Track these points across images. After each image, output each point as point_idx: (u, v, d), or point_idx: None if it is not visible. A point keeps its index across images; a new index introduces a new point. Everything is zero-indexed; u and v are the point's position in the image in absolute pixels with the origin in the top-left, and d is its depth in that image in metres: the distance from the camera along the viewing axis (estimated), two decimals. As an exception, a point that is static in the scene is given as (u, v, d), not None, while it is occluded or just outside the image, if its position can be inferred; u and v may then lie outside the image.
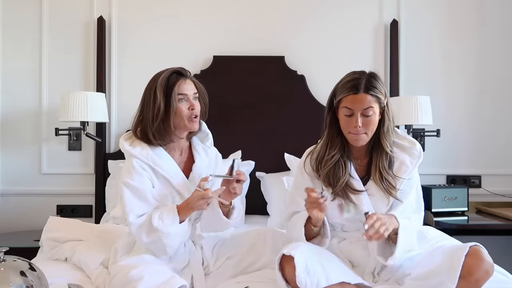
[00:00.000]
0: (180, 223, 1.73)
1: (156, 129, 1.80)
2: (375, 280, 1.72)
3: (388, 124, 1.76)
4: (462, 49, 3.19)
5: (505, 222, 2.73)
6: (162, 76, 1.81)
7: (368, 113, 1.69)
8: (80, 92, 2.87)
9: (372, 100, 1.69)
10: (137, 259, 1.74)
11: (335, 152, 1.77)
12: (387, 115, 1.75)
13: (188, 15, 3.15)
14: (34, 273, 1.39)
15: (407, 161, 1.77)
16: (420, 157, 1.79)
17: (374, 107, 1.69)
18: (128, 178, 1.78)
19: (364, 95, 1.68)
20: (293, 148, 2.90)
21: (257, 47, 3.13)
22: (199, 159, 1.92)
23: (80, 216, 2.99)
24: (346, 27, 3.16)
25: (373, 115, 1.70)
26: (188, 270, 1.82)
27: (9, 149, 3.13)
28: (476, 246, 1.56)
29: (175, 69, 1.85)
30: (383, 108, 1.74)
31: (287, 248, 1.57)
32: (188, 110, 1.81)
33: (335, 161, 1.76)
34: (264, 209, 2.82)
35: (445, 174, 3.18)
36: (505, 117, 3.19)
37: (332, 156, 1.76)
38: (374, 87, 1.69)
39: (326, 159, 1.77)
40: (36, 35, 3.13)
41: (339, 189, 1.74)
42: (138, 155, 1.80)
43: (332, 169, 1.76)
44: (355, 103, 1.69)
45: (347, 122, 1.72)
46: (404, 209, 1.75)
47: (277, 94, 3.07)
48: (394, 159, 1.78)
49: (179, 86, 1.80)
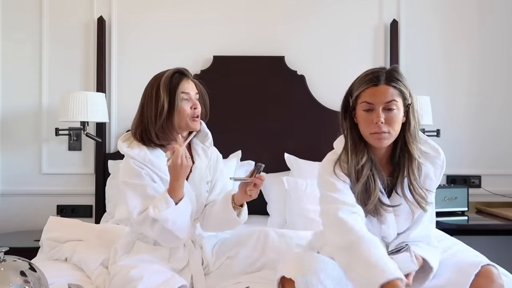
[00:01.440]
0: (176, 205, 1.71)
1: (159, 128, 1.79)
2: None
3: (414, 126, 1.55)
4: (462, 49, 3.19)
5: (505, 222, 2.73)
6: (166, 75, 1.81)
7: (391, 107, 1.49)
8: (80, 92, 2.87)
9: (395, 93, 1.50)
10: (137, 259, 1.74)
11: (364, 161, 1.53)
12: (413, 115, 1.54)
13: (188, 15, 3.15)
14: (34, 273, 1.39)
15: (431, 174, 1.60)
16: (443, 168, 1.63)
17: (397, 102, 1.50)
18: (127, 178, 1.78)
19: (386, 87, 1.50)
20: (293, 148, 2.90)
21: (257, 47, 3.13)
22: (199, 160, 1.91)
23: (80, 216, 2.99)
24: (346, 27, 3.16)
25: (397, 111, 1.50)
26: (187, 270, 1.81)
27: (9, 149, 3.13)
28: (488, 266, 1.48)
29: (178, 69, 1.85)
30: (408, 107, 1.54)
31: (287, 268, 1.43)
32: (191, 110, 1.82)
33: (367, 172, 1.52)
34: (264, 209, 2.82)
35: (445, 174, 3.17)
36: (505, 117, 3.19)
37: (362, 165, 1.53)
38: (397, 79, 1.51)
39: (358, 169, 1.53)
40: (36, 35, 3.13)
41: (373, 205, 1.53)
42: (135, 157, 1.79)
43: (366, 183, 1.53)
44: (376, 96, 1.49)
45: (366, 119, 1.51)
46: (425, 223, 1.61)
47: (277, 94, 3.07)
48: (422, 168, 1.58)
49: (183, 86, 1.81)
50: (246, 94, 3.06)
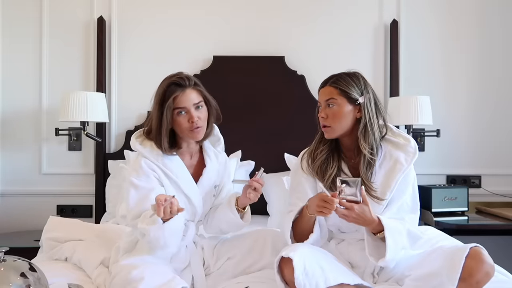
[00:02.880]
0: (164, 223, 1.61)
1: (163, 137, 1.78)
2: (374, 280, 1.72)
3: (365, 122, 1.74)
4: (462, 49, 3.19)
5: (505, 222, 2.73)
6: (160, 87, 1.79)
7: (331, 104, 1.75)
8: (80, 92, 2.87)
9: (334, 92, 1.75)
10: (139, 259, 1.74)
11: (324, 146, 1.84)
12: (366, 114, 1.75)
13: (188, 15, 3.15)
14: (34, 273, 1.39)
15: (402, 159, 1.75)
16: (415, 154, 1.76)
17: (337, 99, 1.74)
18: (135, 177, 1.77)
19: (327, 88, 1.78)
20: (293, 148, 2.89)
21: (257, 47, 3.13)
22: (210, 164, 1.91)
23: (80, 216, 2.99)
24: (346, 27, 3.16)
25: (337, 107, 1.75)
26: (189, 270, 1.82)
27: (9, 149, 3.13)
28: (476, 247, 1.54)
29: (174, 80, 1.79)
30: (359, 106, 1.75)
31: (286, 250, 1.56)
32: (188, 123, 1.78)
33: (325, 155, 1.82)
34: (264, 209, 2.82)
35: (445, 174, 3.19)
36: (505, 117, 3.19)
37: (321, 150, 1.83)
38: (339, 81, 1.76)
39: (317, 153, 1.84)
40: (36, 35, 3.13)
41: (330, 181, 1.76)
42: (148, 156, 1.79)
43: (323, 163, 1.81)
44: (321, 95, 1.80)
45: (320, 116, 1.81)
46: (399, 208, 1.74)
47: (277, 94, 3.07)
48: (386, 159, 1.77)
49: (176, 100, 1.75)
50: (246, 94, 3.06)
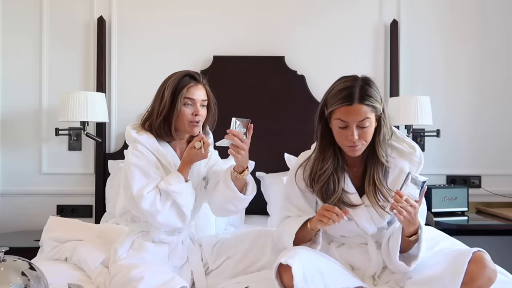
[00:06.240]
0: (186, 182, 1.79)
1: (158, 126, 1.83)
2: (375, 283, 1.70)
3: (384, 132, 1.64)
4: (462, 49, 3.19)
5: (505, 222, 2.73)
6: (175, 76, 1.84)
7: (365, 125, 1.57)
8: (80, 92, 2.87)
9: (368, 110, 1.56)
10: (138, 258, 1.75)
11: (327, 165, 1.66)
12: (384, 122, 1.63)
13: (188, 15, 3.15)
14: (34, 273, 1.39)
15: (407, 168, 1.67)
16: (421, 164, 1.69)
17: (370, 118, 1.57)
18: (135, 160, 1.79)
19: (359, 106, 1.55)
20: (293, 148, 2.89)
21: (257, 47, 3.13)
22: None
23: (80, 216, 2.99)
24: (346, 27, 3.16)
25: (370, 126, 1.59)
26: (187, 266, 1.83)
27: (9, 149, 3.13)
28: (479, 252, 1.52)
29: (189, 72, 1.87)
30: (379, 116, 1.63)
31: (285, 256, 1.51)
32: (191, 115, 1.83)
33: (327, 176, 1.66)
34: (264, 209, 2.82)
35: (445, 174, 3.18)
36: (505, 117, 3.19)
37: (324, 170, 1.66)
38: (369, 96, 1.56)
39: (319, 174, 1.67)
40: (36, 35, 3.13)
41: (333, 204, 1.65)
42: (144, 143, 1.82)
43: (325, 185, 1.66)
44: (350, 115, 1.56)
45: (341, 135, 1.60)
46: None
47: (277, 94, 3.07)
48: (391, 168, 1.67)
49: (188, 90, 1.82)
50: (246, 94, 3.06)
